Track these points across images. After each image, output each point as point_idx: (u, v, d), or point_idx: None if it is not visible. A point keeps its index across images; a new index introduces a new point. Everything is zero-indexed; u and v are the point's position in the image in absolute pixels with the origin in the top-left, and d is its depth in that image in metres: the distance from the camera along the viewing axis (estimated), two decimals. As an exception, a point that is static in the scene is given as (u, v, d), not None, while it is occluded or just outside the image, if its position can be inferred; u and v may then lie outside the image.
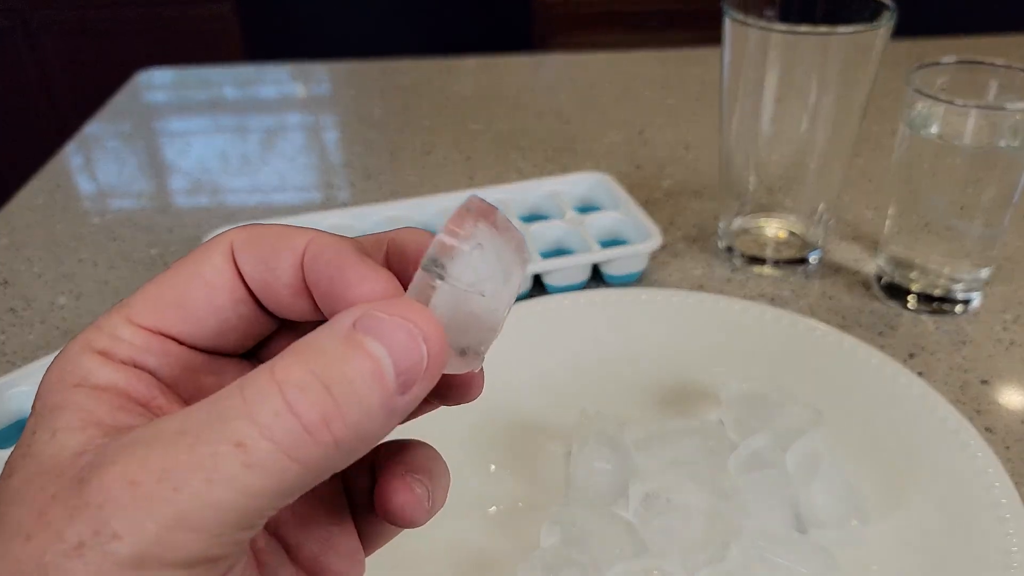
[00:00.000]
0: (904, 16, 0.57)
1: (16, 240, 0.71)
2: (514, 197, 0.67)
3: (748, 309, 0.55)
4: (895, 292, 0.59)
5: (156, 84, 0.99)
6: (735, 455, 0.45)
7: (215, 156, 0.84)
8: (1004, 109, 0.53)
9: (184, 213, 0.76)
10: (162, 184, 0.81)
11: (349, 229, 0.65)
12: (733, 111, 0.60)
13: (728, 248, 0.64)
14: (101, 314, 0.23)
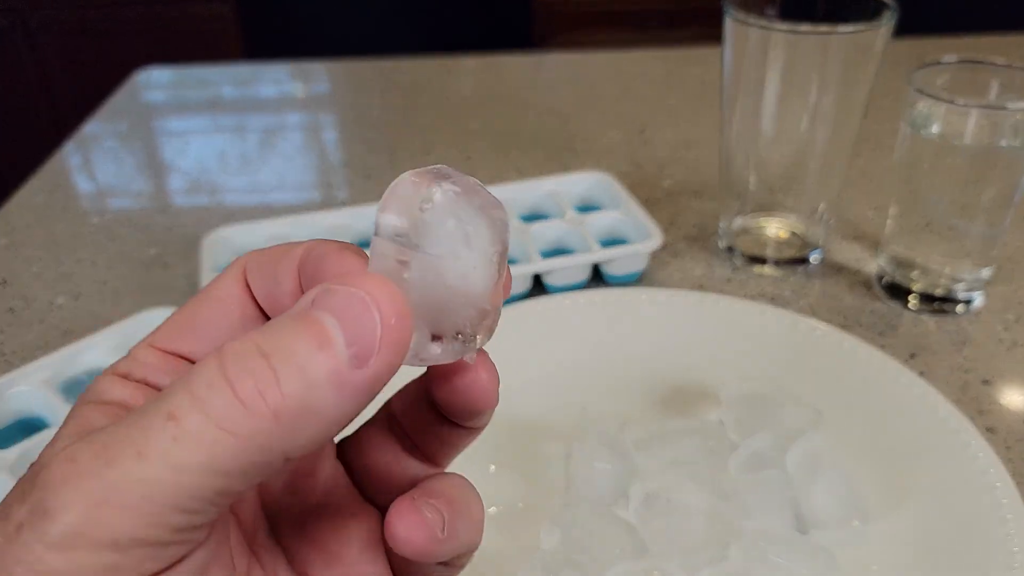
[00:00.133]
0: (905, 15, 0.57)
1: (15, 240, 0.71)
2: (514, 196, 0.67)
3: (748, 309, 0.54)
4: (896, 292, 0.59)
5: (155, 83, 0.99)
6: (735, 455, 0.45)
7: (214, 155, 0.84)
8: (1005, 109, 0.53)
9: (183, 213, 0.76)
10: (161, 184, 0.81)
11: (348, 229, 0.65)
12: (734, 110, 0.59)
13: (729, 248, 0.64)
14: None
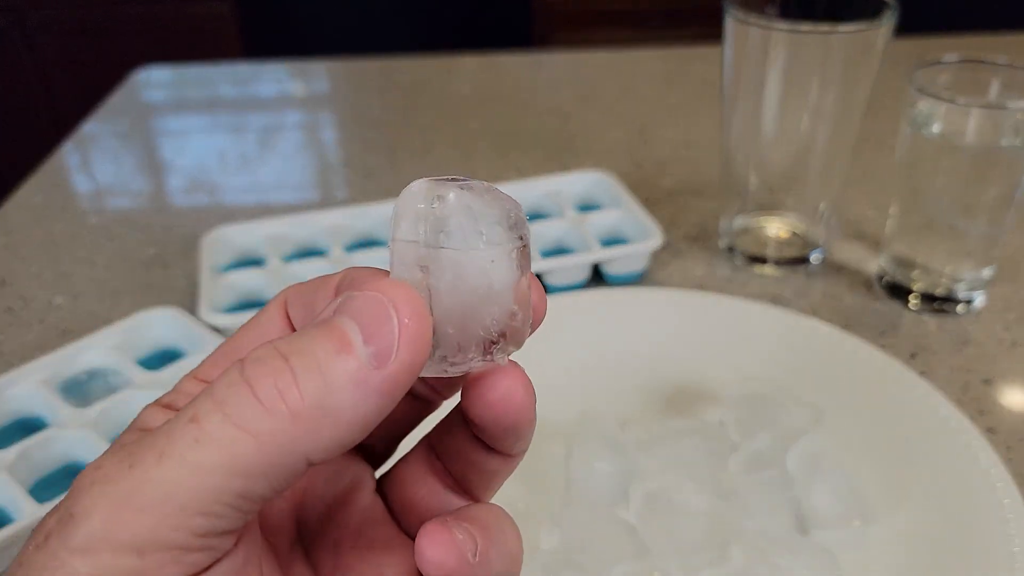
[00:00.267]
0: (906, 14, 0.57)
1: (14, 239, 0.71)
2: (514, 196, 0.66)
3: (749, 309, 0.54)
4: (897, 292, 0.59)
5: (154, 83, 0.99)
6: (736, 455, 0.45)
7: (213, 155, 0.84)
8: (1006, 108, 0.53)
9: (182, 212, 0.75)
10: (160, 183, 0.81)
11: (348, 228, 0.64)
12: (734, 109, 0.59)
13: (729, 247, 0.64)
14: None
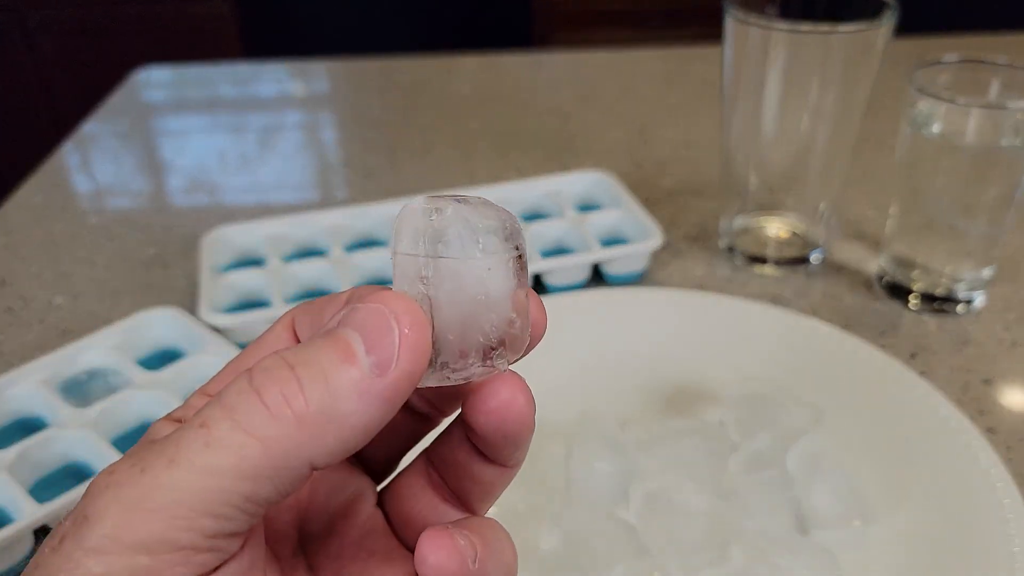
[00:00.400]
0: (906, 14, 0.57)
1: (13, 240, 0.71)
2: (514, 196, 0.67)
3: (749, 309, 0.54)
4: (897, 292, 0.59)
5: (154, 82, 0.99)
6: (736, 455, 0.45)
7: (213, 155, 0.84)
8: (1006, 108, 0.53)
9: (182, 212, 0.75)
10: (160, 183, 0.81)
11: (348, 228, 0.64)
12: (734, 109, 0.59)
13: (729, 247, 0.64)
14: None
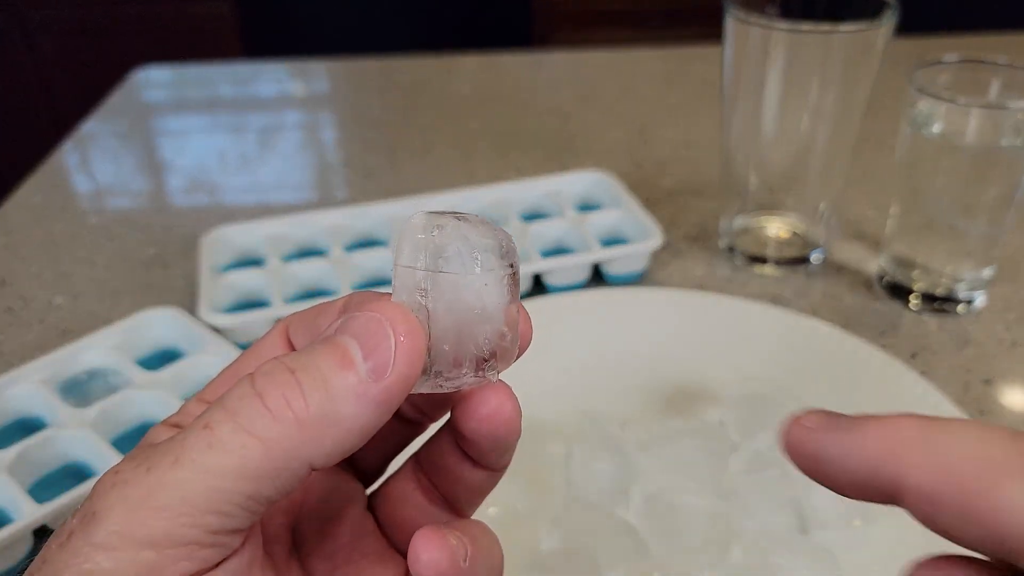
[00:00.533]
0: (906, 14, 0.57)
1: (13, 240, 0.70)
2: (514, 196, 0.67)
3: (749, 309, 0.54)
4: (897, 292, 0.59)
5: (153, 82, 0.99)
6: (736, 455, 0.45)
7: (213, 155, 0.84)
8: (1006, 108, 0.53)
9: (182, 212, 0.75)
10: (160, 183, 0.80)
11: (348, 228, 0.64)
12: (734, 109, 0.59)
13: (729, 247, 0.64)
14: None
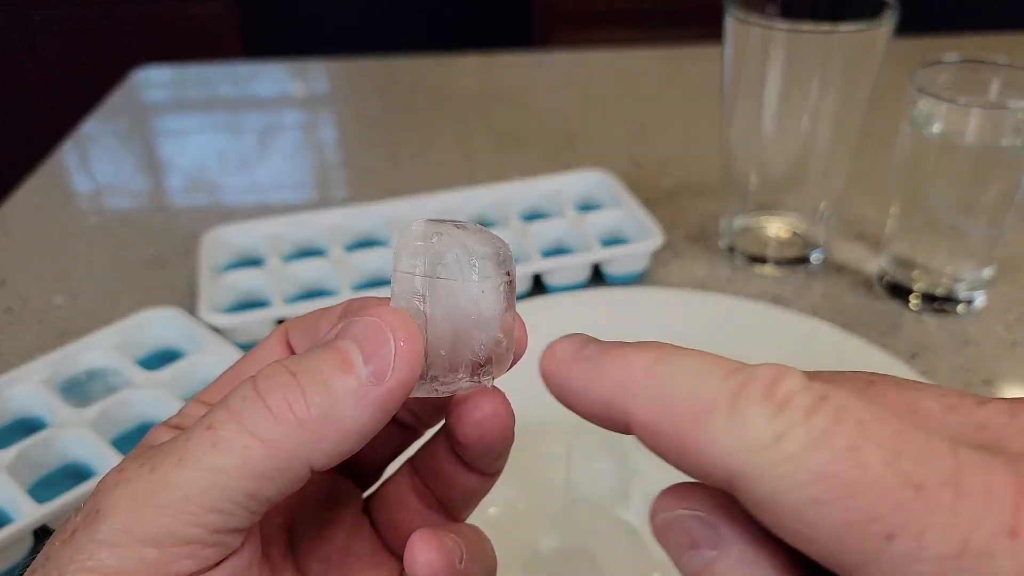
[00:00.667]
0: (906, 14, 0.57)
1: (13, 239, 0.70)
2: (514, 196, 0.67)
3: (749, 309, 0.54)
4: (897, 292, 0.59)
5: (153, 82, 0.99)
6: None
7: (213, 154, 0.84)
8: (1006, 108, 0.53)
9: (182, 212, 0.75)
10: (159, 183, 0.80)
11: (348, 228, 0.64)
12: (735, 109, 0.59)
13: (730, 247, 0.64)
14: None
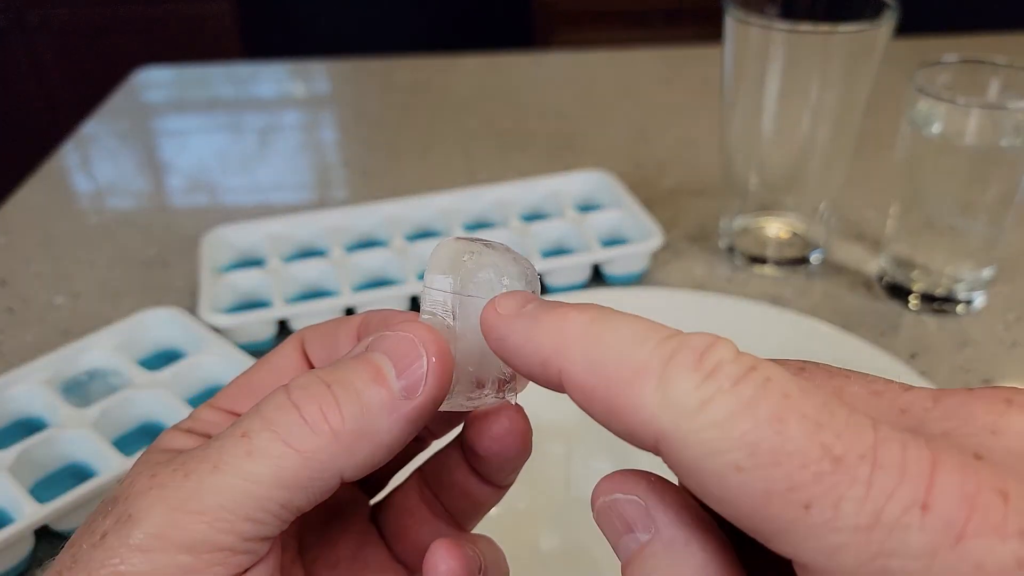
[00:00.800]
0: (906, 14, 0.57)
1: (14, 240, 0.71)
2: (514, 196, 0.67)
3: (749, 309, 0.54)
4: (897, 292, 0.59)
5: (154, 83, 0.99)
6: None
7: (213, 155, 0.84)
8: (1006, 108, 0.53)
9: (182, 212, 0.75)
10: (160, 183, 0.81)
11: (348, 228, 0.64)
12: (734, 110, 0.59)
13: (729, 248, 0.64)
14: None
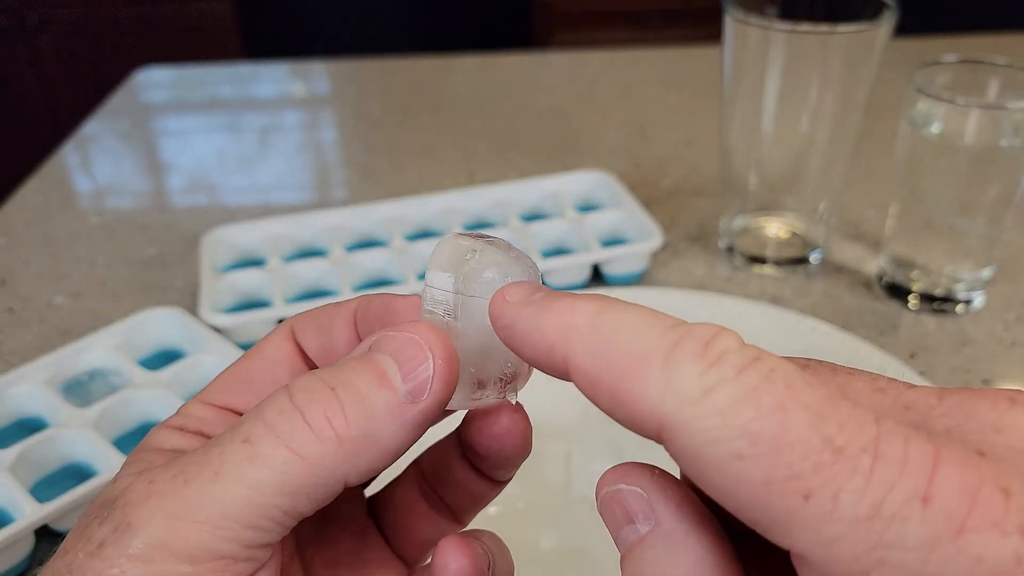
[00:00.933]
0: (906, 14, 0.57)
1: (14, 240, 0.71)
2: (514, 196, 0.67)
3: (749, 309, 0.54)
4: (896, 292, 0.59)
5: (154, 83, 0.99)
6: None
7: (213, 155, 0.84)
8: (1006, 108, 0.53)
9: (182, 212, 0.76)
10: (160, 183, 0.81)
11: (348, 228, 0.64)
12: (734, 109, 0.59)
13: (729, 247, 0.64)
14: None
